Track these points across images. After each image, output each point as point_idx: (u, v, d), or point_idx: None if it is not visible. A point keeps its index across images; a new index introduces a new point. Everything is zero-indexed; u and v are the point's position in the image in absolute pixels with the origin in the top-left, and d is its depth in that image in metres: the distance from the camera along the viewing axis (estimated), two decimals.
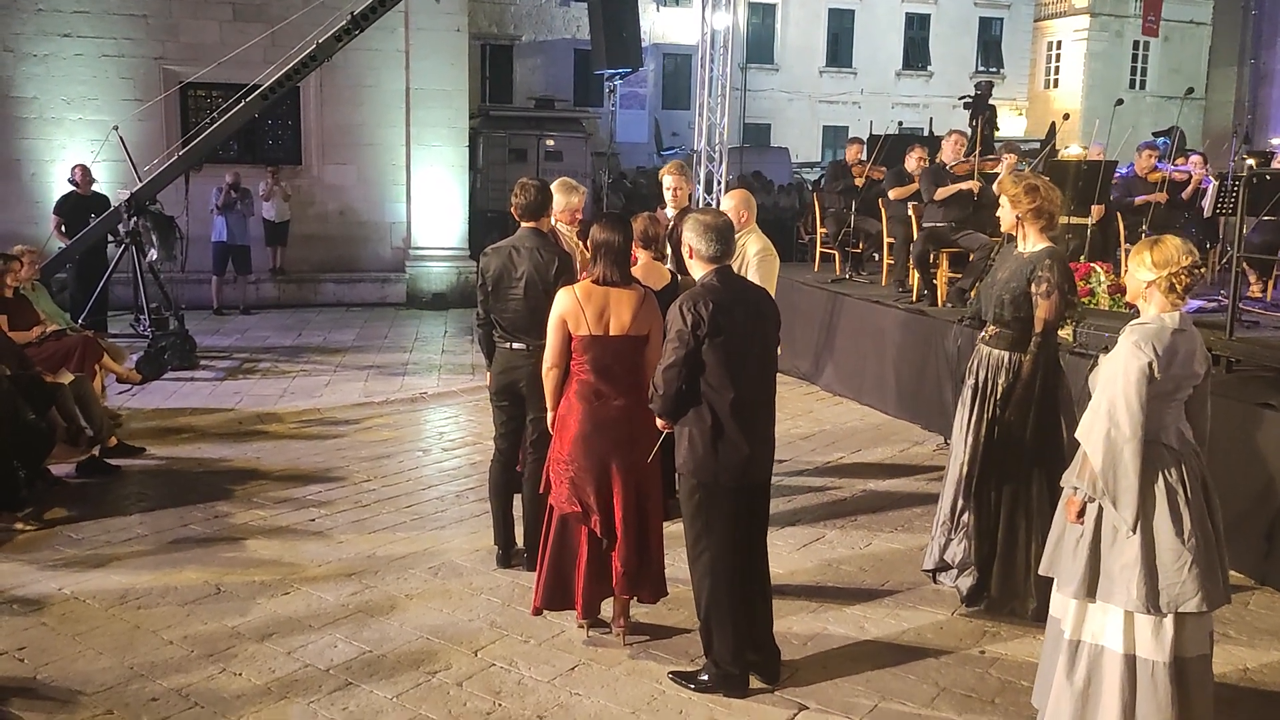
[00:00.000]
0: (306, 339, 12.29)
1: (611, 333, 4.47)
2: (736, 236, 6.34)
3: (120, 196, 10.83)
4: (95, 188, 12.04)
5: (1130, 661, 3.55)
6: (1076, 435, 3.64)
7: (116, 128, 11.32)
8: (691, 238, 4.22)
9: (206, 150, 11.30)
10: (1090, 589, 3.60)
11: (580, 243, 6.67)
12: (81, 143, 13.49)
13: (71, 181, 11.87)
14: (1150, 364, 3.44)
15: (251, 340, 12.11)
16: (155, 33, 14.19)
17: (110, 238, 11.05)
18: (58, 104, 13.98)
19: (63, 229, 11.49)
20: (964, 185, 8.88)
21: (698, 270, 4.26)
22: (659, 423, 4.32)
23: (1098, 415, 3.52)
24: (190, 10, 14.24)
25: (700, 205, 12.55)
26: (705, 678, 4.29)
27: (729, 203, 6.48)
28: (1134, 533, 3.50)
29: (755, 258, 6.30)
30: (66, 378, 7.03)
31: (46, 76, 13.93)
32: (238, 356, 11.14)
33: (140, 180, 10.77)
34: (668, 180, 7.09)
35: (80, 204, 11.57)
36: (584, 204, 6.59)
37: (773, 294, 6.24)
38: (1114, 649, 3.58)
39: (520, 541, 5.54)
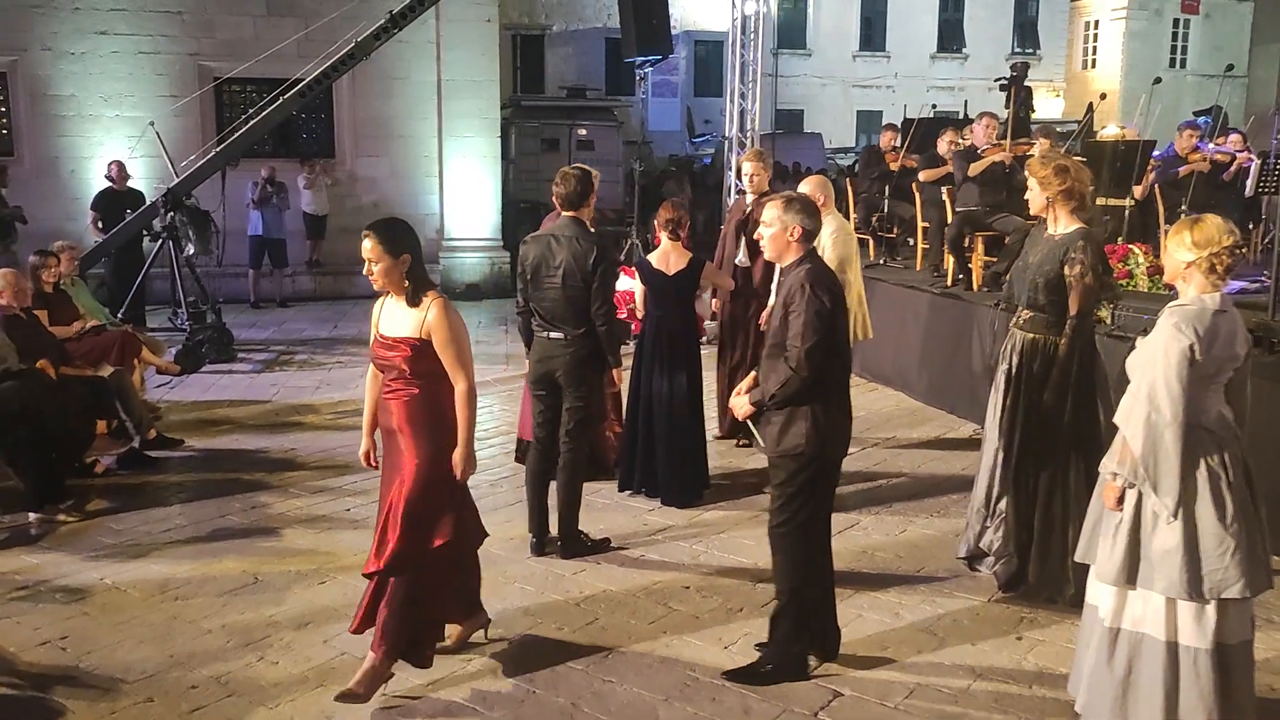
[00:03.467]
0: (342, 331, 12.38)
1: None
2: None
3: (159, 191, 10.96)
4: (132, 183, 12.18)
5: (1172, 649, 3.50)
6: (1116, 420, 3.58)
7: (153, 123, 11.45)
8: (792, 218, 4.18)
9: (244, 146, 11.39)
10: (1130, 576, 3.55)
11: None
12: (119, 139, 13.64)
13: (108, 177, 12.02)
14: (1191, 346, 3.38)
15: (288, 333, 12.21)
16: (190, 29, 14.31)
17: (146, 233, 11.19)
18: (95, 101, 14.14)
19: (99, 224, 11.64)
20: (996, 157, 8.77)
21: (793, 252, 4.19)
22: (740, 412, 4.26)
23: (1138, 399, 3.47)
24: (224, 6, 14.35)
25: (733, 191, 12.49)
26: (770, 668, 4.26)
27: (806, 187, 6.49)
28: (1175, 518, 3.45)
29: (830, 238, 6.34)
30: (106, 371, 7.15)
31: (84, 74, 14.09)
32: (274, 349, 11.24)
33: (176, 176, 10.88)
34: (746, 166, 7.35)
35: (116, 200, 11.71)
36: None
37: (858, 272, 6.52)
38: (1155, 636, 3.53)
39: (554, 530, 5.56)
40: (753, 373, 4.38)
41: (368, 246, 3.98)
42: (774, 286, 6.95)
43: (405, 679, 4.24)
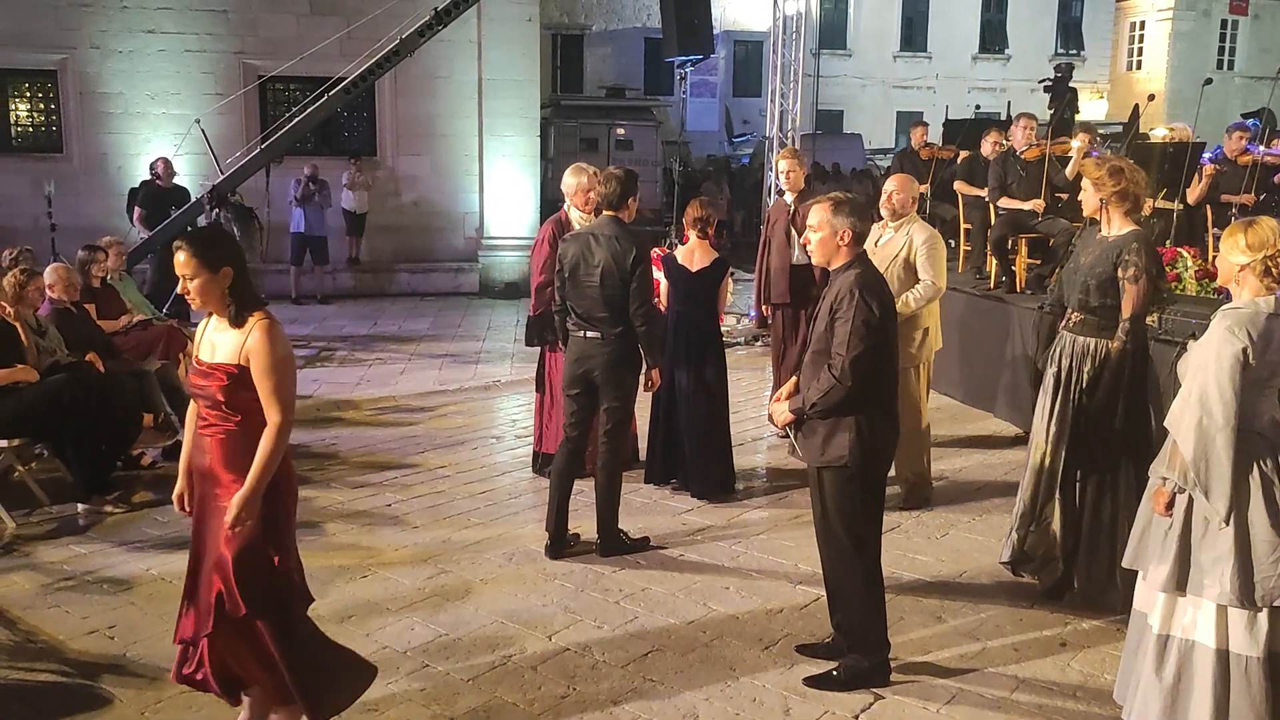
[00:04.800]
0: (382, 328, 12.47)
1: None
2: (899, 223, 6.24)
3: (203, 188, 11.11)
4: (177, 180, 12.34)
5: (1223, 656, 3.45)
6: (1166, 424, 3.53)
7: (198, 121, 11.60)
8: (842, 221, 4.06)
9: (289, 143, 11.51)
10: (1180, 582, 3.50)
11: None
12: (165, 136, 13.83)
13: (153, 174, 12.19)
14: (1244, 350, 3.33)
15: (328, 329, 12.31)
16: (235, 28, 14.49)
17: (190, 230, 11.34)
18: (142, 99, 14.35)
19: (143, 221, 11.81)
20: (1026, 206, 8.66)
21: (843, 255, 4.08)
22: (779, 418, 4.19)
23: (1188, 403, 3.42)
24: (269, 5, 14.52)
25: (772, 191, 12.46)
26: (848, 676, 4.20)
27: (892, 185, 6.26)
28: (1227, 524, 3.39)
29: (923, 246, 6.11)
30: (153, 365, 7.23)
31: (132, 72, 14.30)
32: (315, 345, 11.34)
33: (221, 173, 11.01)
34: (782, 164, 7.29)
35: (161, 196, 11.87)
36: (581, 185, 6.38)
37: (943, 282, 6.21)
38: (1205, 644, 3.48)
39: (593, 530, 5.56)
40: (793, 378, 4.31)
41: (181, 260, 3.45)
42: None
43: (446, 673, 4.27)
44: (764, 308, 7.73)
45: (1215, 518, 3.42)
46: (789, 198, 7.37)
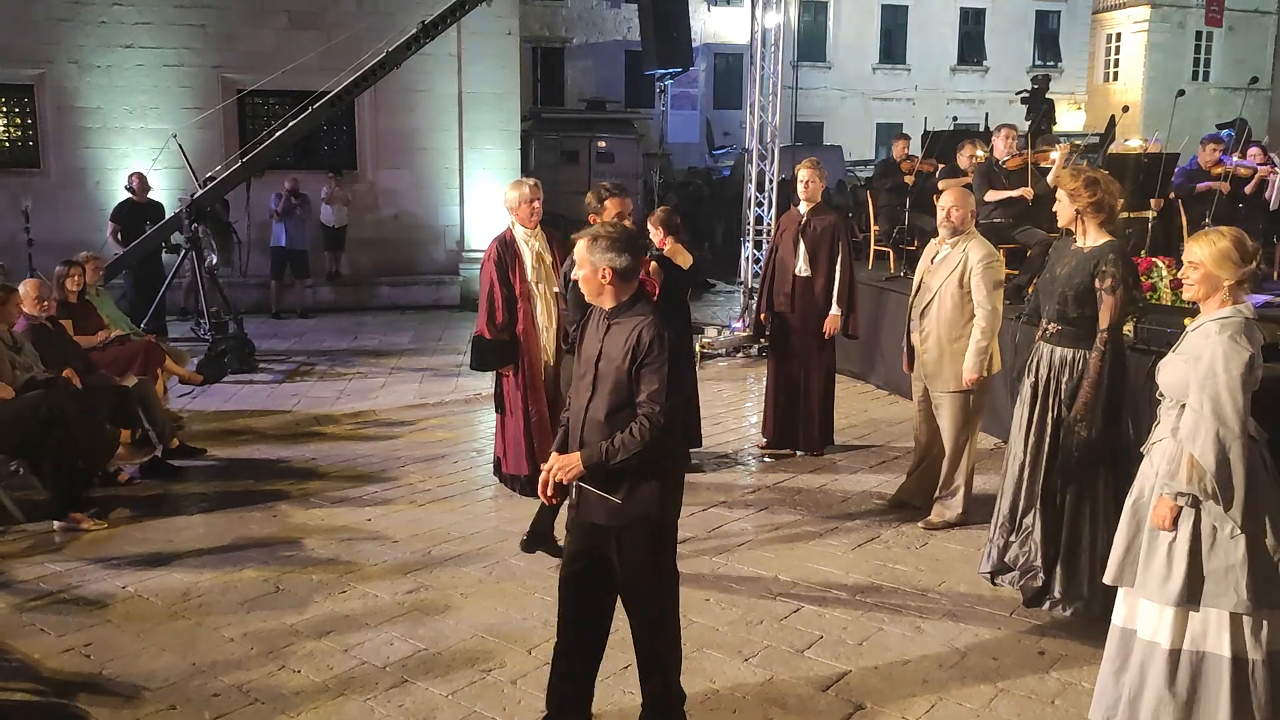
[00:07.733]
0: (362, 342, 12.43)
1: None
2: (954, 240, 5.89)
3: (183, 202, 11.05)
4: (155, 195, 12.27)
5: (1237, 664, 3.48)
6: (1180, 438, 3.49)
7: (175, 135, 11.54)
8: (600, 258, 3.59)
9: (271, 156, 11.44)
10: (1192, 595, 3.50)
11: (550, 244, 6.64)
12: (143, 151, 13.74)
13: (129, 189, 12.12)
14: (1252, 357, 3.39)
15: (308, 343, 12.27)
16: (214, 42, 14.44)
17: (165, 246, 11.27)
18: (120, 113, 14.29)
19: (118, 236, 11.75)
20: (1015, 193, 8.73)
21: (616, 293, 3.64)
22: (568, 474, 3.62)
23: (1202, 416, 3.41)
24: (247, 19, 14.48)
25: (753, 203, 12.49)
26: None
27: (949, 200, 5.88)
28: (1243, 531, 3.42)
29: (979, 265, 5.76)
30: (130, 381, 7.20)
31: (110, 87, 14.24)
32: (295, 359, 11.29)
33: (200, 187, 10.97)
34: (802, 174, 7.40)
35: (136, 211, 11.81)
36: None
37: (998, 304, 5.81)
38: (1217, 653, 3.50)
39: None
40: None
41: None
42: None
43: (425, 688, 4.25)
44: (762, 315, 7.71)
45: (1229, 525, 3.42)
46: (804, 208, 7.41)
